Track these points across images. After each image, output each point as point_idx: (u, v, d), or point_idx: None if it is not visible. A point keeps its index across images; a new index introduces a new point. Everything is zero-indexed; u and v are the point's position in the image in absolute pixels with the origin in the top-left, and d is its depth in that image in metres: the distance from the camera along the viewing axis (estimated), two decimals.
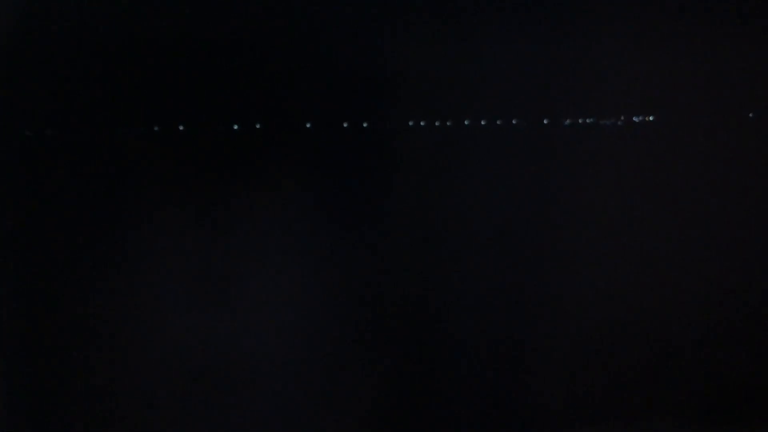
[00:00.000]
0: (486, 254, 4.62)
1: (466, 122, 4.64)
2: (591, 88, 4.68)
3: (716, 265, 4.68)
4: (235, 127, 4.49)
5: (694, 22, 4.70)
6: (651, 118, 4.70)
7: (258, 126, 4.51)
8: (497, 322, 4.59)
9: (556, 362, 4.49)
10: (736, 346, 4.58)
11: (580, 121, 4.66)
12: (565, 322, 4.56)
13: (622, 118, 4.68)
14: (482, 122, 4.65)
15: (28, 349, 4.22)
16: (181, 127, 4.46)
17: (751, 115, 4.77)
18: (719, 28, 4.71)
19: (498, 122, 4.65)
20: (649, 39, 4.70)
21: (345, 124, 4.58)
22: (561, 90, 4.66)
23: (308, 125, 4.55)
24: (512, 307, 4.59)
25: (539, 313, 4.59)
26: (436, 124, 4.63)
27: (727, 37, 4.71)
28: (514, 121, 4.65)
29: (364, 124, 4.60)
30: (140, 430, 4.26)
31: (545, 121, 4.66)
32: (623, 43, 4.69)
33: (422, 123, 4.63)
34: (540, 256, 4.65)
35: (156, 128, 4.46)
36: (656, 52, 4.70)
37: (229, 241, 4.48)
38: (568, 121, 4.66)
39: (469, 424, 4.44)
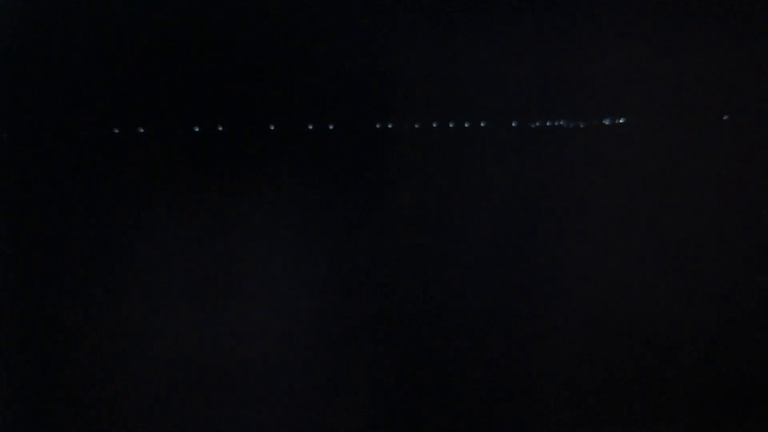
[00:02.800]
0: (455, 256, 4.56)
1: (434, 125, 4.58)
2: (561, 91, 4.63)
3: (688, 267, 4.63)
4: (196, 129, 4.42)
5: (667, 24, 4.64)
6: (621, 121, 4.64)
7: (220, 128, 4.45)
8: (474, 324, 4.54)
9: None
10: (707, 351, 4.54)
11: (548, 123, 4.60)
12: (533, 324, 4.51)
13: (592, 120, 4.62)
14: (450, 125, 4.59)
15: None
16: (141, 129, 4.40)
17: (725, 117, 4.72)
18: (693, 29, 4.66)
19: (466, 125, 4.59)
20: (620, 40, 4.64)
21: (310, 126, 4.52)
22: (530, 93, 4.60)
23: (272, 127, 4.49)
24: (487, 307, 4.54)
25: (514, 314, 4.54)
26: (404, 126, 4.58)
27: (702, 39, 4.66)
28: (482, 124, 4.59)
29: (330, 126, 4.53)
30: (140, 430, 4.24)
31: (514, 124, 4.60)
32: (594, 44, 4.63)
33: (389, 125, 4.57)
34: (509, 259, 4.59)
35: (116, 130, 4.39)
36: (629, 54, 4.65)
37: (192, 244, 4.42)
38: (537, 124, 4.60)
39: (469, 425, 4.42)
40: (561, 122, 4.61)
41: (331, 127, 4.53)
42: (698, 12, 4.62)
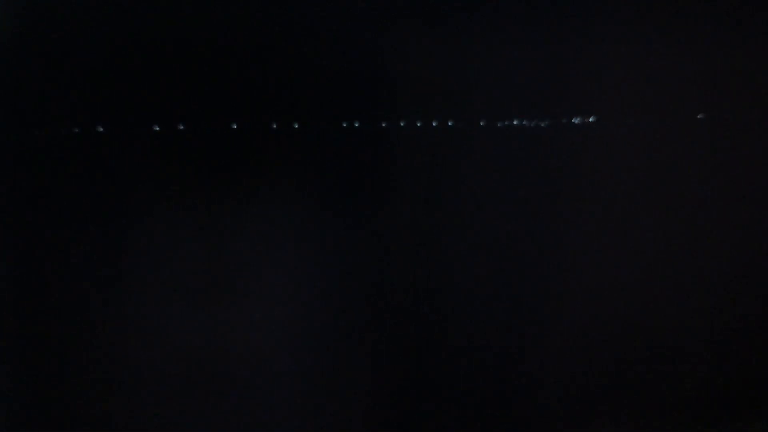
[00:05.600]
0: (420, 251, 4.52)
1: (402, 123, 4.53)
2: (531, 90, 4.58)
3: (649, 263, 4.60)
4: (156, 128, 4.37)
5: (642, 24, 4.60)
6: (591, 119, 4.58)
7: (181, 127, 4.40)
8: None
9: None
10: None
11: (515, 122, 4.54)
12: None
13: (561, 119, 4.57)
14: (418, 123, 4.53)
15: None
16: (100, 129, 4.35)
17: (700, 116, 4.67)
18: (669, 30, 4.61)
19: (434, 123, 4.54)
20: (592, 40, 4.59)
21: (274, 125, 4.47)
22: (499, 92, 4.55)
23: (234, 126, 4.44)
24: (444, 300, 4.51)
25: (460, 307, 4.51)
26: (371, 125, 4.53)
27: (677, 40, 4.61)
28: (450, 123, 4.54)
29: (295, 125, 4.48)
30: (139, 429, 4.22)
31: (482, 123, 4.55)
32: (565, 44, 4.58)
33: (356, 124, 4.52)
34: (471, 255, 4.54)
35: (76, 130, 4.35)
36: (605, 54, 4.60)
37: (152, 240, 4.38)
38: (505, 123, 4.55)
39: (469, 424, 4.40)
40: (531, 121, 4.55)
41: (295, 126, 4.48)
42: (671, 13, 4.57)
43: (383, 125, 4.49)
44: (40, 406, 4.24)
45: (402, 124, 4.50)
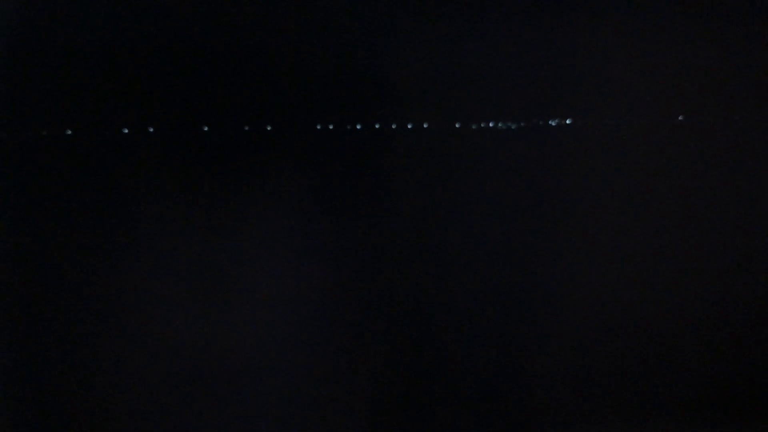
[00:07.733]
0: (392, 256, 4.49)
1: (377, 126, 4.49)
2: (507, 92, 4.54)
3: (624, 266, 4.57)
4: (125, 130, 4.34)
5: (620, 25, 4.57)
6: (569, 121, 4.54)
7: (151, 129, 4.36)
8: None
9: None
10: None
11: (491, 124, 4.50)
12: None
13: (538, 121, 4.53)
14: (393, 126, 4.50)
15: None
16: (68, 132, 4.31)
17: (680, 117, 4.64)
18: (650, 29, 4.58)
19: (409, 126, 4.50)
20: (570, 41, 4.56)
21: (246, 128, 4.43)
22: (474, 94, 4.51)
23: (205, 128, 4.40)
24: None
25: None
26: (346, 127, 4.50)
27: (658, 40, 4.59)
28: (425, 125, 4.50)
29: (268, 128, 4.44)
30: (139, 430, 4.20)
31: (457, 125, 4.51)
32: (542, 45, 4.55)
33: (331, 126, 4.49)
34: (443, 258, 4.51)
35: (44, 132, 4.32)
36: (584, 54, 4.57)
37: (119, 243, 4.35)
38: (481, 125, 4.50)
39: (467, 424, 4.37)
40: (506, 123, 4.51)
41: (268, 128, 4.44)
42: (649, 13, 4.54)
43: (358, 128, 4.45)
44: (40, 407, 4.22)
45: (377, 127, 4.47)
